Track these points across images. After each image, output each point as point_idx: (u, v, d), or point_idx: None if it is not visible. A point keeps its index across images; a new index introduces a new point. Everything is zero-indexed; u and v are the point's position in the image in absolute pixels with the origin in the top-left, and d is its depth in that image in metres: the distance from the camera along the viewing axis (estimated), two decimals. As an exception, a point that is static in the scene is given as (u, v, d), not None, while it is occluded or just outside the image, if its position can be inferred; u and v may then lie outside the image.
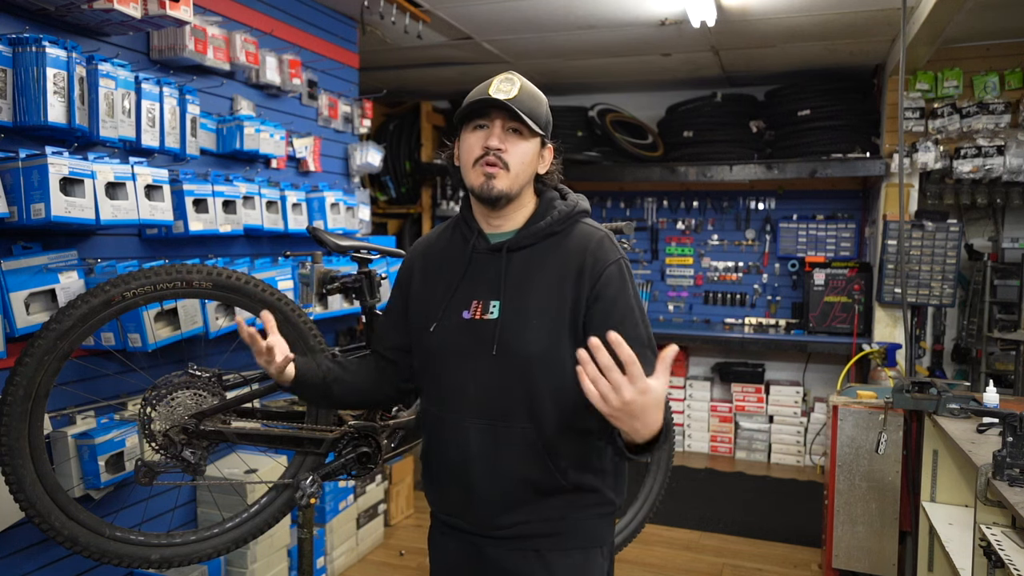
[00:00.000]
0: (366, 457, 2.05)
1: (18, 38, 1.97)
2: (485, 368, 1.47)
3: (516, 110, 1.44)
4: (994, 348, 4.63)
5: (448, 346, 1.52)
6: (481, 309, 1.50)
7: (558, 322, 1.45)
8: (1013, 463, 1.87)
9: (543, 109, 1.52)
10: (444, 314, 1.53)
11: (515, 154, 1.47)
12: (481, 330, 1.48)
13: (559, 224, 1.52)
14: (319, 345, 2.04)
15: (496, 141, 1.46)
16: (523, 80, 1.50)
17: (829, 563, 3.25)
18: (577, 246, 1.50)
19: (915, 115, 4.35)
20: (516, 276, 1.50)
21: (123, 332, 2.27)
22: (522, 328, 1.46)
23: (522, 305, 1.47)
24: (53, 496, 1.78)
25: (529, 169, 1.51)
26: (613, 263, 1.48)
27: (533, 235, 1.51)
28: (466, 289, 1.53)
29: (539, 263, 1.50)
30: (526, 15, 3.92)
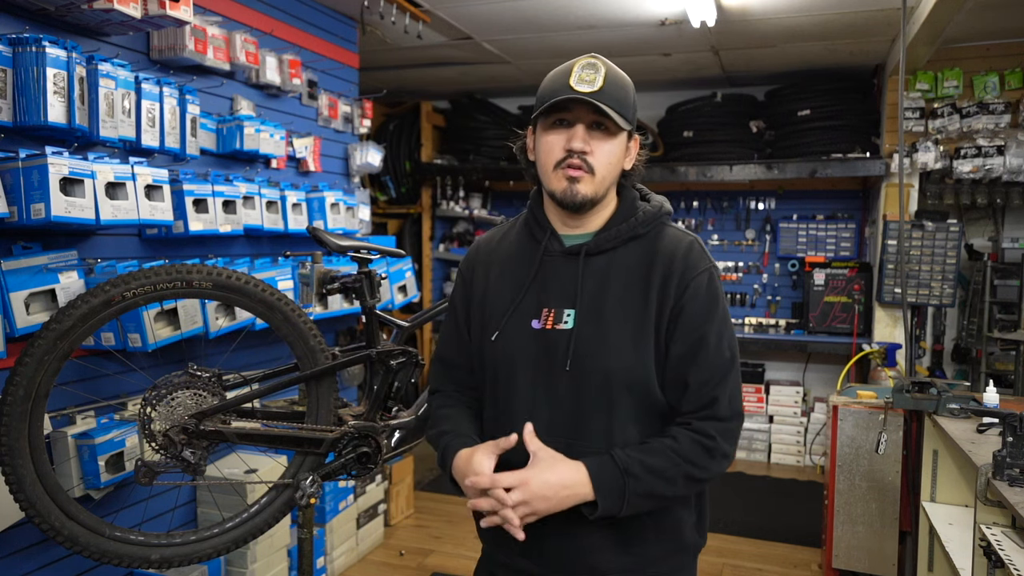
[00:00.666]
0: (366, 457, 2.05)
1: (18, 38, 1.97)
2: (557, 385, 1.32)
3: (602, 106, 1.27)
4: (994, 348, 4.63)
5: (513, 359, 1.37)
6: (553, 318, 1.35)
7: (642, 334, 1.31)
8: (1013, 463, 1.87)
9: (631, 98, 1.34)
10: (509, 322, 1.38)
11: (601, 155, 1.31)
12: (553, 342, 1.33)
13: (644, 226, 1.37)
14: (319, 345, 2.04)
15: (580, 143, 1.30)
16: (608, 64, 1.31)
17: (829, 563, 3.25)
18: (664, 251, 1.35)
19: (915, 115, 4.35)
20: (594, 282, 1.34)
21: (123, 332, 2.26)
22: (601, 340, 1.31)
23: (601, 315, 1.32)
24: (53, 496, 1.77)
25: (616, 169, 1.36)
26: (703, 272, 1.33)
27: (614, 238, 1.36)
28: (535, 295, 1.37)
29: (620, 268, 1.35)
30: (526, 15, 3.92)
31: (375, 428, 2.06)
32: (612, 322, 1.31)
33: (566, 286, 1.36)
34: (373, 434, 2.05)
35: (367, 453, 2.04)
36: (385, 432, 2.10)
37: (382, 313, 2.25)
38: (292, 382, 2.08)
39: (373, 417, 2.11)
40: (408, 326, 2.33)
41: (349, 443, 2.04)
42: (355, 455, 2.04)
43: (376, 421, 2.09)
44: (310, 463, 2.06)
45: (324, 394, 2.06)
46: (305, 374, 2.03)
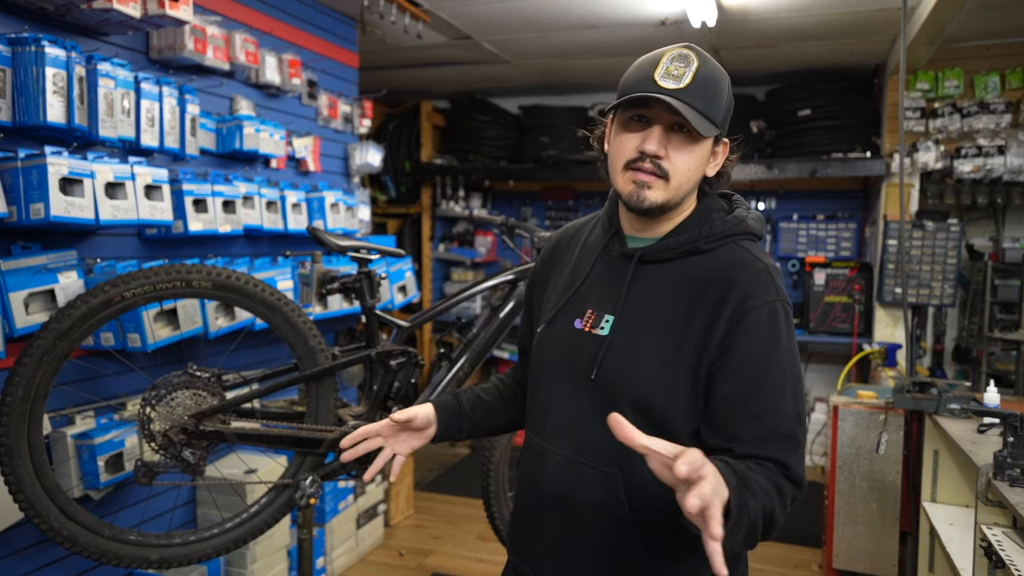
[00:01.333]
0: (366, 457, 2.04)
1: (17, 38, 1.97)
2: (583, 392, 1.23)
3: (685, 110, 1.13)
4: (995, 348, 4.63)
5: (549, 355, 1.31)
6: (593, 321, 1.26)
7: (677, 358, 1.18)
8: (1014, 463, 1.87)
9: (723, 97, 1.19)
10: (556, 317, 1.31)
11: (679, 161, 1.18)
12: (587, 346, 1.24)
13: (708, 242, 1.22)
14: (319, 345, 2.04)
15: (655, 145, 1.17)
16: (701, 57, 1.18)
17: (829, 563, 3.24)
18: (724, 271, 1.20)
19: (915, 115, 4.35)
20: (641, 291, 1.24)
21: (123, 332, 2.26)
22: (631, 354, 1.20)
23: (639, 327, 1.21)
24: (52, 496, 1.77)
25: (695, 176, 1.22)
26: (765, 304, 1.16)
27: (673, 247, 1.23)
28: (585, 294, 1.29)
29: (671, 281, 1.22)
30: (526, 15, 3.92)
31: (375, 428, 2.06)
32: (646, 337, 1.20)
33: (613, 290, 1.26)
34: (373, 434, 2.05)
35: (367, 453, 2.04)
36: (385, 432, 2.09)
37: (382, 313, 2.25)
38: (292, 382, 2.08)
39: (373, 417, 2.11)
40: (408, 326, 2.33)
41: (349, 443, 2.04)
42: (355, 455, 2.03)
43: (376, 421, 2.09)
44: (310, 463, 2.06)
45: (324, 394, 2.06)
46: (305, 374, 2.03)
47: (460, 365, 2.41)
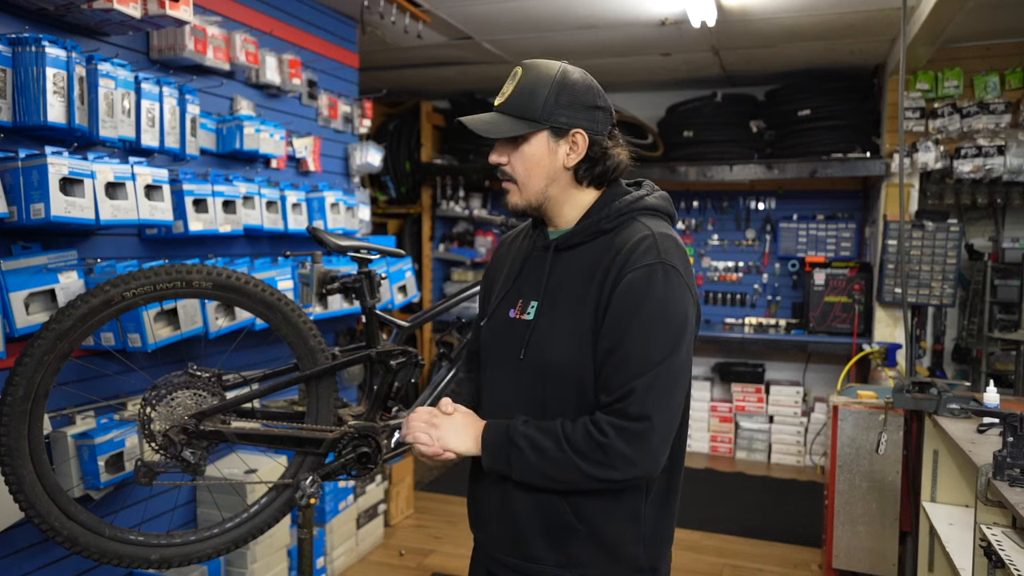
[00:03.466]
0: (366, 457, 2.04)
1: (18, 38, 1.97)
2: (513, 373, 1.38)
3: (488, 119, 1.34)
4: (994, 348, 4.63)
5: (490, 345, 1.46)
6: (521, 309, 1.40)
7: (583, 328, 1.29)
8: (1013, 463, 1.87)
9: (541, 95, 1.32)
10: (496, 310, 1.45)
11: (517, 163, 1.35)
12: (517, 331, 1.38)
13: (609, 221, 1.34)
14: (319, 345, 2.04)
15: (495, 155, 1.37)
16: (531, 67, 1.35)
17: (829, 563, 3.24)
18: (616, 244, 1.31)
19: (915, 115, 4.35)
20: (558, 277, 1.36)
21: (123, 332, 2.26)
22: (550, 333, 1.33)
23: (556, 308, 1.34)
24: (53, 496, 1.77)
25: (542, 171, 1.35)
26: (641, 267, 1.26)
27: (581, 233, 1.36)
28: (518, 286, 1.43)
29: (580, 264, 1.35)
30: (526, 15, 3.92)
31: (375, 428, 2.06)
32: (561, 316, 1.33)
33: (537, 279, 1.40)
34: (373, 434, 2.05)
35: (367, 453, 2.04)
36: (385, 432, 2.10)
37: (382, 313, 2.25)
38: (292, 382, 2.08)
39: (373, 417, 2.11)
40: (408, 326, 2.33)
41: (349, 443, 2.04)
42: (355, 455, 2.04)
43: (376, 421, 2.09)
44: (310, 463, 2.06)
45: (324, 394, 2.06)
46: (305, 374, 2.03)
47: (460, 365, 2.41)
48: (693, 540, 3.96)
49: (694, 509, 4.33)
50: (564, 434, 1.26)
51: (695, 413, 5.56)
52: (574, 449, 1.25)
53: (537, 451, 1.27)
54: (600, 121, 1.35)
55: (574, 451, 1.24)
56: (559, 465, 1.26)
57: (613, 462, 1.23)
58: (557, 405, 1.32)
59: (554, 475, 1.27)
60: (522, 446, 1.27)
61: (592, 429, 1.24)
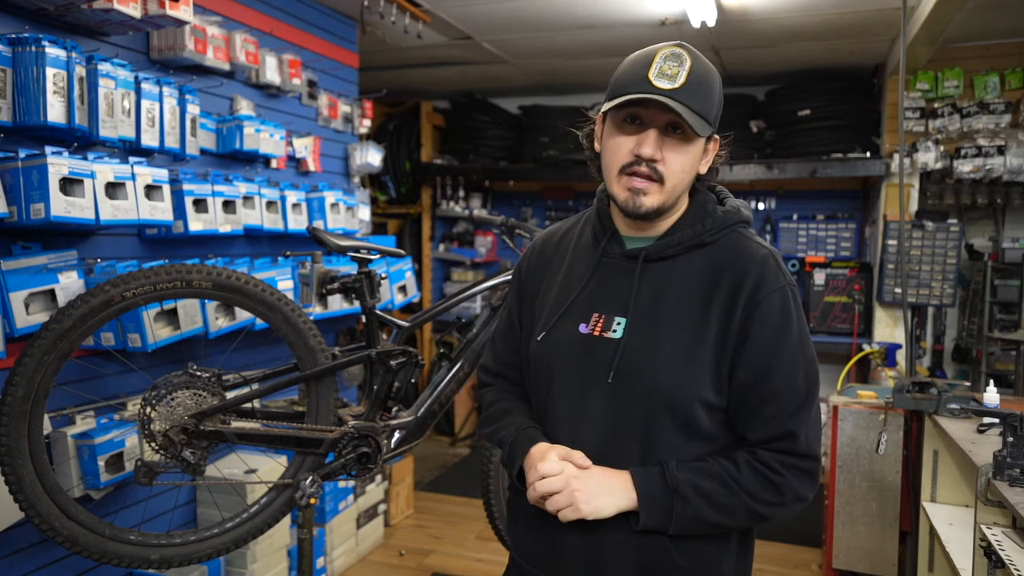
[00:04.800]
0: (366, 457, 2.05)
1: (18, 38, 1.97)
2: (597, 397, 1.22)
3: (683, 110, 1.14)
4: (994, 348, 4.63)
5: (556, 363, 1.28)
6: (602, 325, 1.24)
7: (697, 353, 1.18)
8: (1013, 463, 1.87)
9: (715, 95, 1.20)
10: (557, 323, 1.28)
11: (674, 163, 1.19)
12: (599, 350, 1.23)
13: (712, 234, 1.24)
14: (319, 345, 2.04)
15: (650, 149, 1.17)
16: (694, 56, 1.18)
17: (829, 563, 3.24)
18: (733, 262, 1.21)
19: (915, 115, 4.35)
20: (650, 291, 1.23)
21: (123, 332, 2.26)
22: (650, 354, 1.20)
23: (654, 326, 1.21)
24: (53, 496, 1.77)
25: (689, 177, 1.23)
26: (777, 290, 1.19)
27: (678, 244, 1.24)
28: (588, 298, 1.28)
29: (681, 278, 1.22)
30: (526, 15, 3.92)
31: (375, 428, 2.06)
32: (664, 336, 1.20)
33: (620, 292, 1.25)
34: (373, 434, 2.05)
35: (367, 453, 2.04)
36: (385, 432, 2.10)
37: (382, 313, 2.25)
38: (292, 382, 2.08)
39: (373, 417, 2.11)
40: (408, 326, 2.33)
41: (349, 443, 2.04)
42: (355, 455, 2.04)
43: (376, 421, 2.09)
44: (310, 463, 2.06)
45: (324, 394, 2.06)
46: (305, 374, 2.03)
47: (460, 365, 2.41)
48: (693, 540, 3.96)
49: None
50: (731, 476, 1.18)
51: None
52: (745, 491, 1.18)
53: (705, 498, 1.17)
54: None
55: (746, 492, 1.18)
56: (728, 510, 1.18)
57: (785, 499, 1.20)
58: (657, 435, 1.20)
59: (719, 521, 1.19)
60: (688, 495, 1.16)
61: (763, 468, 1.18)
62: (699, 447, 1.21)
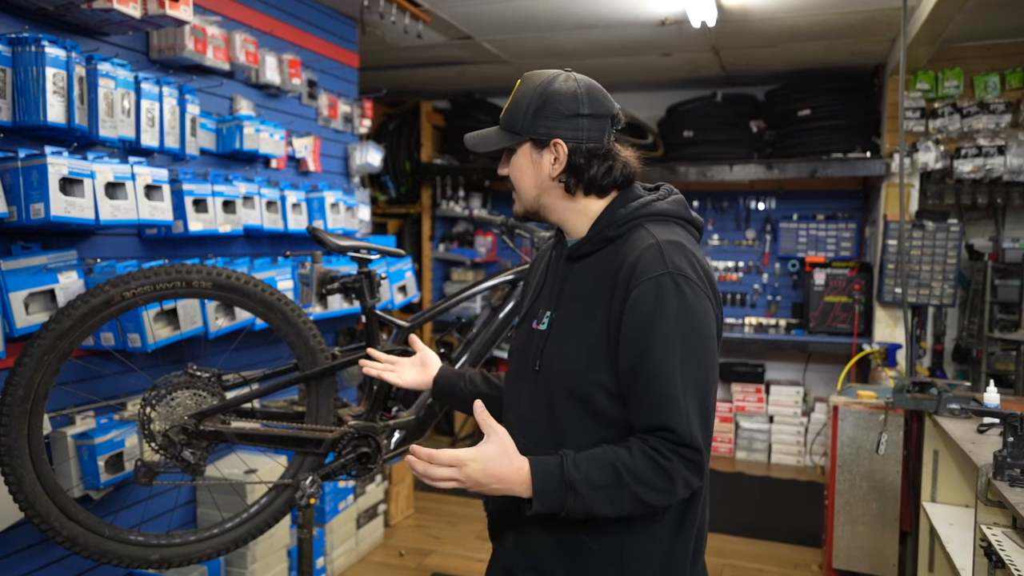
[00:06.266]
0: (366, 457, 2.04)
1: (17, 38, 1.97)
2: (529, 382, 1.38)
3: (483, 134, 1.41)
4: (995, 348, 4.63)
5: (513, 355, 1.48)
6: (540, 319, 1.40)
7: (593, 343, 1.27)
8: (1014, 463, 1.87)
9: (522, 108, 1.34)
10: (523, 320, 1.47)
11: (514, 173, 1.39)
12: (535, 341, 1.38)
13: (614, 228, 1.32)
14: (319, 345, 2.04)
15: (500, 166, 1.43)
16: (526, 79, 1.38)
17: (829, 563, 3.24)
18: (621, 254, 1.29)
19: (915, 115, 4.35)
20: (571, 287, 1.36)
21: (123, 332, 2.26)
22: (560, 344, 1.32)
23: (567, 319, 1.33)
24: (52, 496, 1.77)
25: (530, 180, 1.37)
26: (648, 280, 1.22)
27: (590, 241, 1.35)
28: (541, 296, 1.44)
29: (590, 273, 1.33)
30: (526, 15, 3.92)
31: (375, 428, 2.06)
32: (570, 327, 1.32)
33: (553, 289, 1.41)
34: (373, 434, 2.05)
35: (367, 453, 2.04)
36: (385, 432, 2.10)
37: (382, 313, 2.25)
38: (292, 382, 2.08)
39: (373, 417, 2.11)
40: (408, 326, 2.33)
41: (349, 443, 2.04)
42: (355, 455, 2.04)
43: (376, 421, 2.09)
44: (310, 463, 2.06)
45: (324, 394, 2.06)
46: (305, 374, 2.03)
47: (460, 365, 2.41)
48: (693, 540, 3.96)
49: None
50: (624, 464, 1.20)
51: (695, 413, 5.55)
52: (636, 478, 1.19)
53: (596, 490, 1.20)
54: (585, 128, 1.32)
55: (636, 480, 1.19)
56: (618, 499, 1.21)
57: (676, 486, 1.21)
58: (567, 418, 1.30)
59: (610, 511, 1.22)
60: (581, 491, 1.19)
61: (654, 454, 1.20)
62: (604, 430, 1.27)
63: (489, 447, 1.23)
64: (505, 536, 1.41)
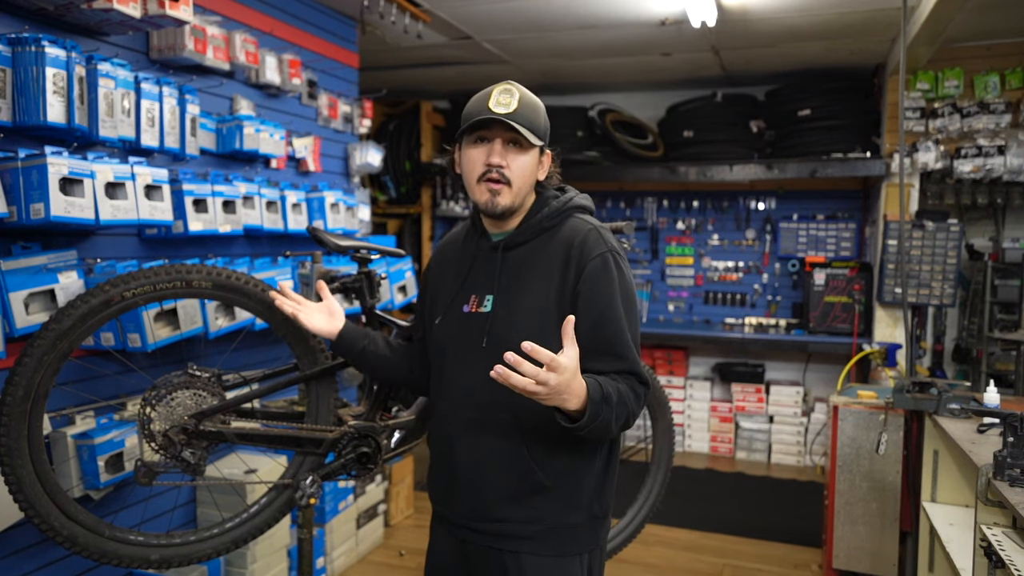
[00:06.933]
0: (366, 457, 2.04)
1: (17, 38, 1.97)
2: (476, 359, 1.53)
3: (516, 125, 1.49)
4: (995, 348, 4.63)
5: (448, 339, 1.61)
6: (477, 303, 1.58)
7: (546, 316, 1.50)
8: (1014, 463, 1.87)
9: (541, 118, 1.55)
10: (449, 309, 1.62)
11: (516, 168, 1.52)
12: (476, 323, 1.56)
13: (549, 219, 1.57)
14: (319, 345, 2.04)
15: (497, 158, 1.51)
16: (522, 90, 1.53)
17: (829, 563, 3.24)
18: (565, 240, 1.54)
19: (915, 115, 4.35)
20: (510, 272, 1.57)
21: (123, 332, 2.26)
22: (510, 321, 1.52)
23: (513, 299, 1.54)
24: (52, 496, 1.77)
25: (530, 180, 1.57)
26: (596, 257, 1.51)
27: (526, 232, 1.57)
28: (468, 286, 1.61)
29: (530, 259, 1.56)
30: (526, 15, 3.92)
31: (375, 428, 2.06)
32: (521, 305, 1.53)
33: (489, 276, 1.58)
34: (373, 434, 2.05)
35: (367, 453, 2.04)
36: (385, 432, 2.09)
37: (382, 313, 2.24)
38: (292, 382, 2.08)
39: (373, 417, 2.10)
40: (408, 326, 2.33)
41: (349, 443, 2.04)
42: (355, 455, 2.04)
43: (376, 421, 2.09)
44: (310, 463, 2.06)
45: (324, 394, 2.06)
46: (305, 374, 2.03)
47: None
48: (693, 540, 3.96)
49: (694, 509, 4.33)
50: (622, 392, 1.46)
51: (695, 413, 5.56)
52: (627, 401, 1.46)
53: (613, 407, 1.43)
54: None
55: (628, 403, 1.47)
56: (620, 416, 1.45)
57: (640, 407, 1.51)
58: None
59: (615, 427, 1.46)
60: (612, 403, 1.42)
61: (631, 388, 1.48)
62: None
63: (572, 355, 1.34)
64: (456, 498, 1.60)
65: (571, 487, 1.55)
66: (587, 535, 1.59)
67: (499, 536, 1.56)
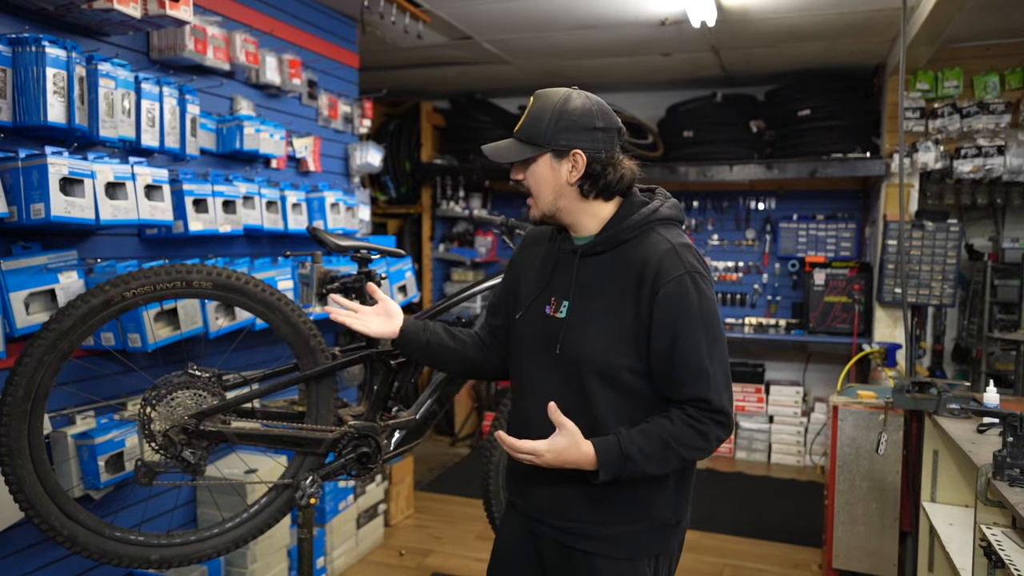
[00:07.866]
0: (366, 457, 2.04)
1: (18, 38, 1.97)
2: (551, 364, 1.57)
3: (505, 146, 1.55)
4: (994, 348, 4.63)
5: (527, 337, 1.64)
6: (555, 307, 1.59)
7: (619, 331, 1.50)
8: (1013, 463, 1.87)
9: (543, 122, 1.52)
10: (531, 306, 1.64)
11: (532, 180, 1.56)
12: (552, 327, 1.58)
13: (628, 232, 1.54)
14: (319, 345, 2.04)
15: (514, 173, 1.58)
16: (541, 96, 1.54)
17: (829, 563, 3.25)
18: (640, 259, 1.51)
19: (915, 115, 4.35)
20: (586, 280, 1.56)
21: (123, 332, 2.26)
22: (582, 331, 1.53)
23: (587, 309, 1.54)
24: (53, 496, 1.77)
25: (550, 186, 1.55)
26: (673, 279, 1.47)
27: (605, 242, 1.56)
28: (550, 287, 1.62)
29: (607, 270, 1.55)
30: (526, 15, 3.92)
31: (375, 428, 2.06)
32: (593, 316, 1.53)
33: (567, 281, 1.58)
34: (373, 434, 2.05)
35: (367, 453, 2.04)
36: (385, 432, 2.10)
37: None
38: (292, 382, 2.07)
39: (373, 417, 2.11)
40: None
41: (349, 443, 2.04)
42: (355, 455, 2.04)
43: (376, 421, 2.09)
44: (310, 463, 2.06)
45: (324, 394, 2.06)
46: (305, 374, 2.03)
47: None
48: (693, 540, 3.96)
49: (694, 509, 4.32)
50: (669, 433, 1.47)
51: (695, 413, 5.55)
52: (680, 443, 1.46)
53: (648, 458, 1.46)
54: (601, 140, 1.52)
55: (680, 444, 1.46)
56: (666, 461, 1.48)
57: (710, 444, 1.49)
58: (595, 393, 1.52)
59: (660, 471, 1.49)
60: (636, 459, 1.46)
61: (692, 421, 1.47)
62: (627, 401, 1.52)
63: (560, 440, 1.46)
64: (532, 491, 1.63)
65: (644, 495, 1.56)
66: (658, 541, 1.60)
67: (571, 534, 1.58)
